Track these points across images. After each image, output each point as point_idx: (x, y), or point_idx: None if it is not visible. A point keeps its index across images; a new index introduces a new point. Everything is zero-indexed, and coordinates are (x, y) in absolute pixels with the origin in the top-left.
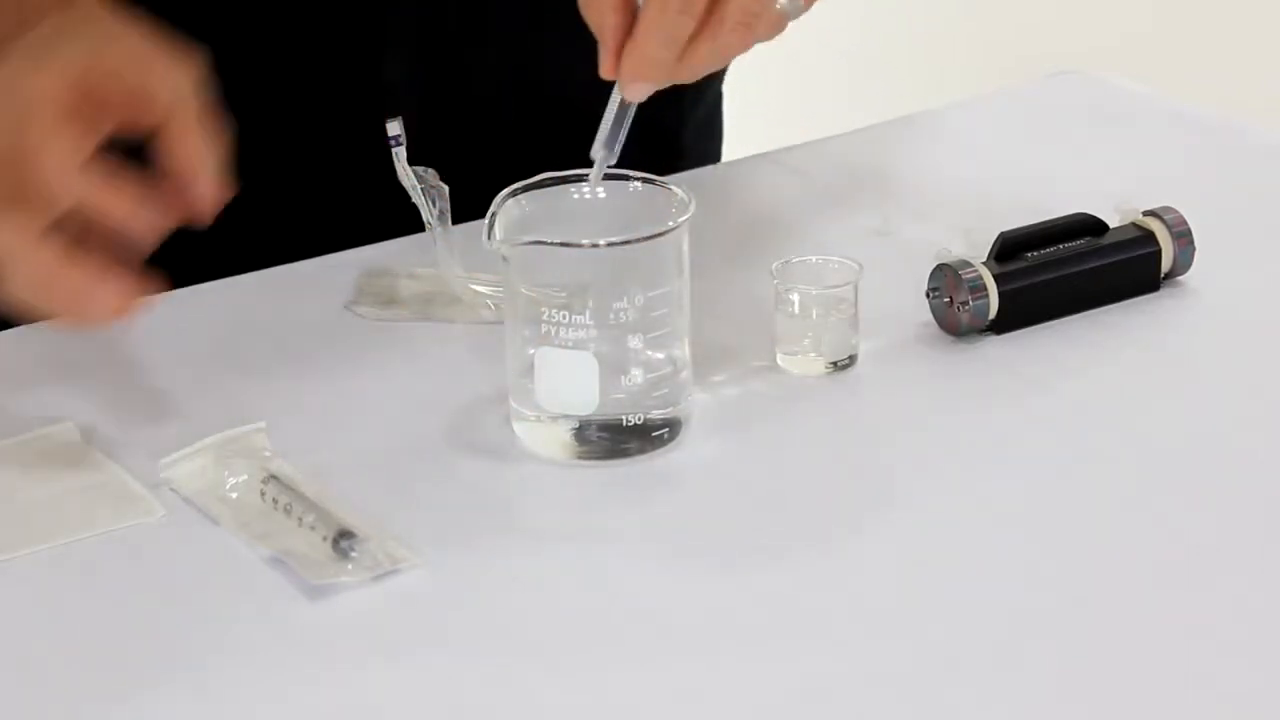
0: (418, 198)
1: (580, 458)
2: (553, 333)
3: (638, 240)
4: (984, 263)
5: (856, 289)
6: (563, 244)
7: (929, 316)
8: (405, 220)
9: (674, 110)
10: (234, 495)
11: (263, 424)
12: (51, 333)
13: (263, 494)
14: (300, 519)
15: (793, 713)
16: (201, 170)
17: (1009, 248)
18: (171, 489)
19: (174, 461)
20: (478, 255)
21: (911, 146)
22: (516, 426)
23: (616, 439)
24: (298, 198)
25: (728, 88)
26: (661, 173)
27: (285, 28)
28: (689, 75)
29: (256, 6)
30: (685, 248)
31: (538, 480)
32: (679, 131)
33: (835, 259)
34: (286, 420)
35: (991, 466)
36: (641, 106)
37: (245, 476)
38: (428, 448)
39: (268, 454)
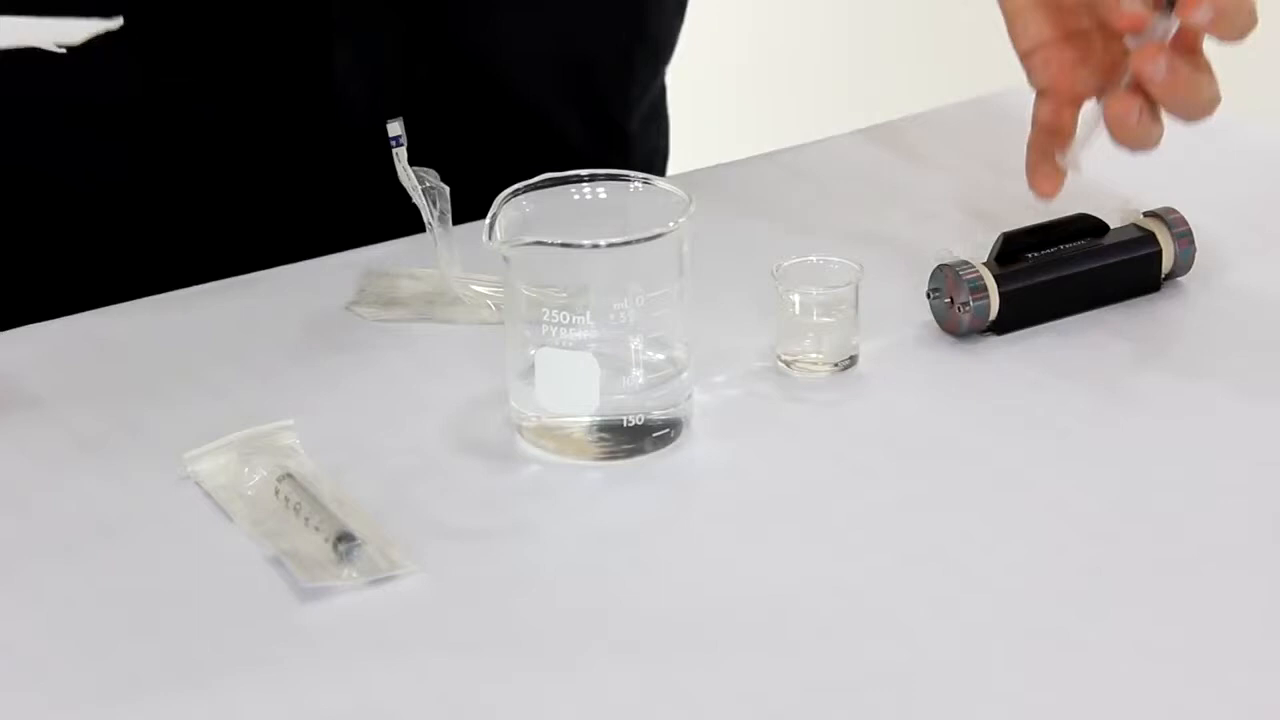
0: (418, 198)
1: (581, 458)
2: (553, 333)
3: (638, 240)
4: (985, 263)
5: (857, 290)
6: (563, 244)
7: (930, 317)
8: (405, 221)
9: (621, 98)
10: (250, 493)
11: (290, 421)
12: (49, 332)
13: (276, 491)
14: (307, 519)
15: (793, 713)
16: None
17: (1010, 248)
18: (196, 483)
19: (198, 456)
20: (478, 256)
21: (912, 146)
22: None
23: (617, 439)
24: (299, 198)
25: (731, 89)
26: (611, 160)
27: (280, 28)
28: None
29: (249, 5)
30: (685, 248)
31: (538, 480)
32: (626, 119)
33: (836, 260)
34: (286, 420)
35: (992, 467)
36: (589, 96)
37: (264, 474)
38: (428, 448)
39: (295, 451)
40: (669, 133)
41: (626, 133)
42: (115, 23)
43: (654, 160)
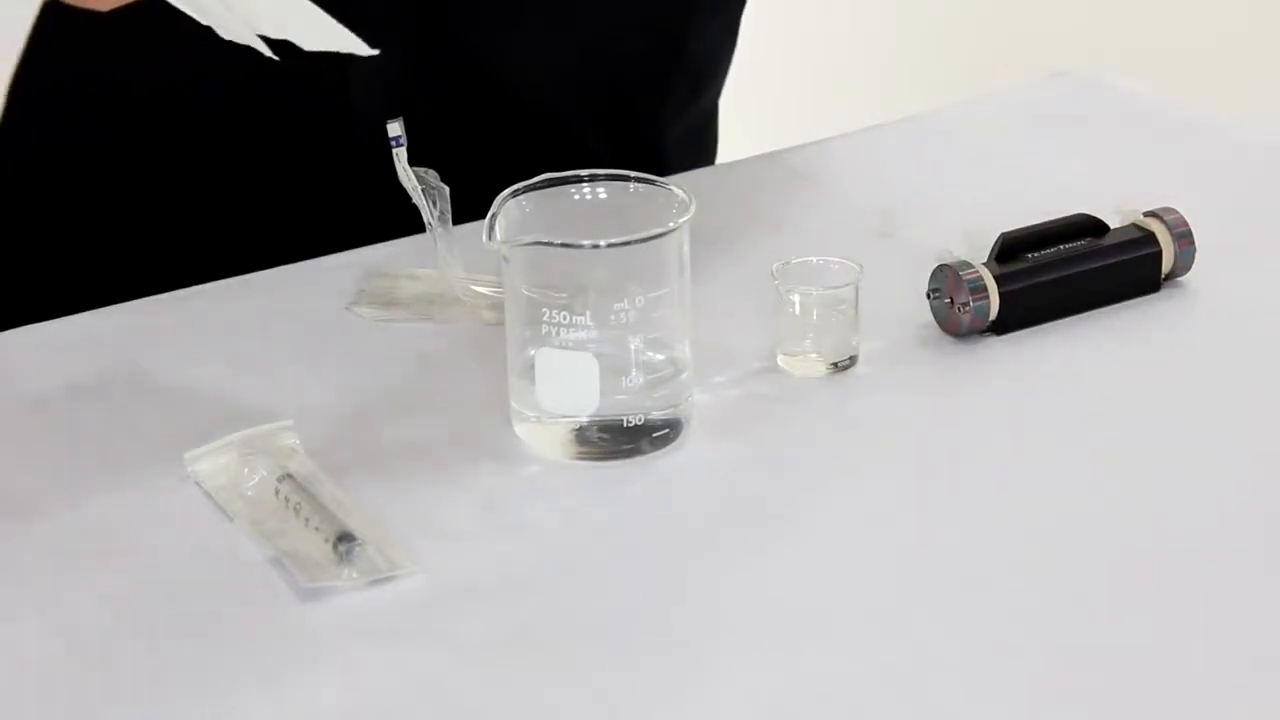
0: (418, 199)
1: (580, 458)
2: (553, 333)
3: (638, 240)
4: (984, 263)
5: (857, 290)
6: (563, 244)
7: (929, 317)
8: (405, 221)
9: (653, 119)
10: (250, 493)
11: (289, 421)
12: (49, 332)
13: (276, 492)
14: (307, 520)
15: (792, 713)
16: None
17: (1009, 248)
18: (196, 483)
19: (199, 456)
20: (478, 256)
21: (912, 146)
22: (517, 427)
23: (617, 439)
24: (298, 198)
25: (729, 87)
26: None
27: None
28: None
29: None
30: (685, 248)
31: (538, 480)
32: (658, 143)
33: (836, 259)
34: (286, 420)
35: (992, 467)
36: (617, 112)
37: (264, 474)
38: (428, 448)
39: (295, 451)
40: (714, 158)
41: (660, 152)
42: (367, 50)
43: None
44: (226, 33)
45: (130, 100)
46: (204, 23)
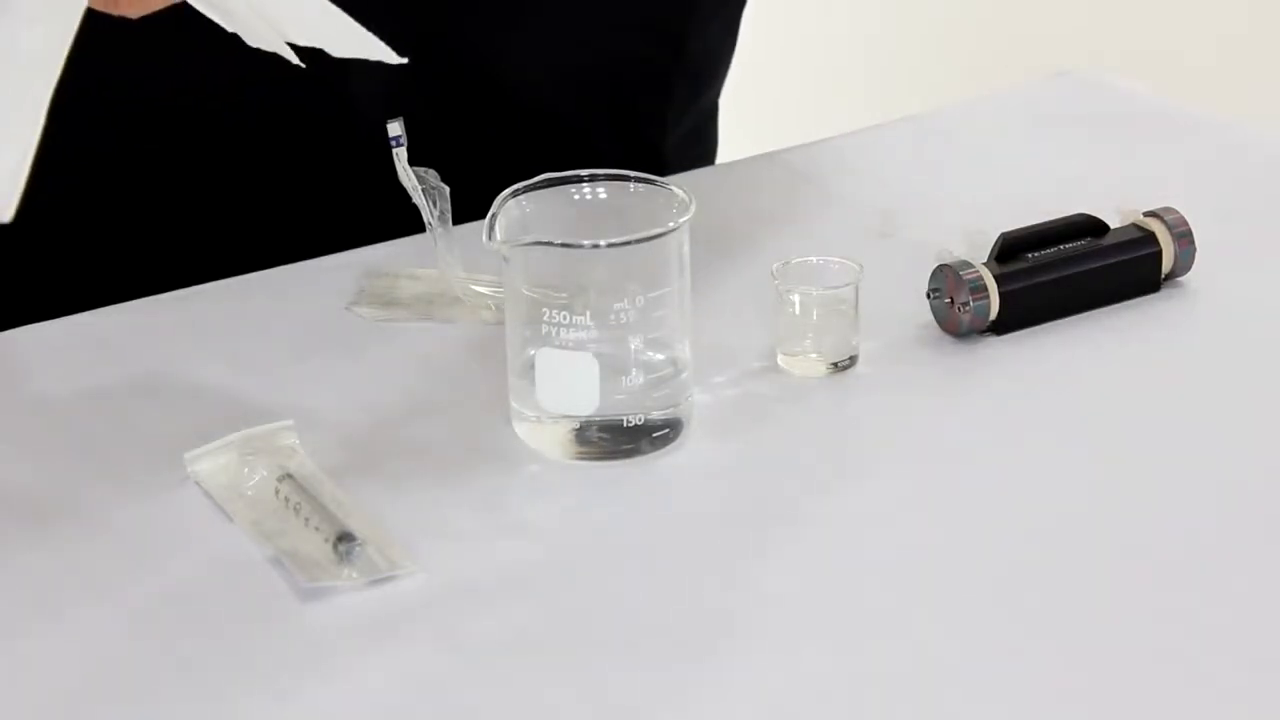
0: (418, 198)
1: (580, 458)
2: (553, 333)
3: (638, 240)
4: (985, 263)
5: (857, 289)
6: (563, 244)
7: (930, 317)
8: (406, 221)
9: (656, 118)
10: (250, 493)
11: (289, 421)
12: (49, 332)
13: (276, 492)
14: (307, 519)
15: (792, 713)
16: None
17: (1009, 248)
18: (196, 483)
19: (199, 456)
20: (478, 256)
21: (912, 146)
22: (517, 427)
23: (617, 439)
24: (299, 198)
25: (729, 87)
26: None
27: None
28: None
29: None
30: (685, 248)
31: (538, 480)
32: (660, 144)
33: (836, 259)
34: (286, 420)
35: (992, 467)
36: (619, 111)
37: (264, 474)
38: (428, 448)
39: (295, 451)
40: (715, 156)
41: (660, 152)
42: (397, 59)
43: None
44: (254, 40)
45: (133, 102)
46: (231, 29)
